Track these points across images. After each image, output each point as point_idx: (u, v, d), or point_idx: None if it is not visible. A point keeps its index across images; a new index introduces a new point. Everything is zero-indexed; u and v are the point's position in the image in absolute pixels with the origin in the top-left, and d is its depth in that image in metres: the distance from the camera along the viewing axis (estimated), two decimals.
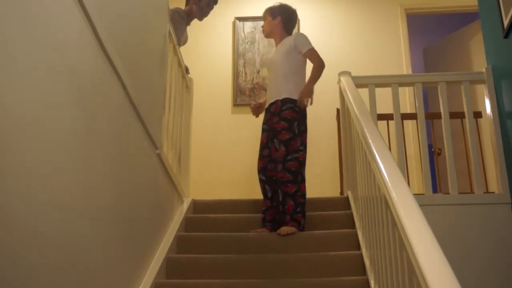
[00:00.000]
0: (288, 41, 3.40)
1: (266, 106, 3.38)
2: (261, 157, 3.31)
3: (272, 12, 3.53)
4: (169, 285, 2.59)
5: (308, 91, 3.20)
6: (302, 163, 3.15)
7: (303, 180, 3.14)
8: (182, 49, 3.89)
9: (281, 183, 3.10)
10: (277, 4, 3.57)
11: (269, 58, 3.52)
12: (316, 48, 3.38)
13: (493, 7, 3.46)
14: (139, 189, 2.46)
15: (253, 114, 3.57)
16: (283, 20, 3.50)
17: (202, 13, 3.83)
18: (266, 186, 3.25)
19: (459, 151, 4.46)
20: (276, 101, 3.26)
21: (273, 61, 3.43)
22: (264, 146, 3.32)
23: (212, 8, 3.87)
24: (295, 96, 3.23)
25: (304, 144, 3.20)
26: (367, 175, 2.43)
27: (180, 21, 3.72)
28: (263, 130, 3.37)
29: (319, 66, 3.29)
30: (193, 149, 4.30)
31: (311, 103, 3.22)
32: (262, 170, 3.28)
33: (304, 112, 3.27)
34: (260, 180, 3.29)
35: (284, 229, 2.97)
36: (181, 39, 3.79)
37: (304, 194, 3.12)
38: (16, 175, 1.30)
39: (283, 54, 3.36)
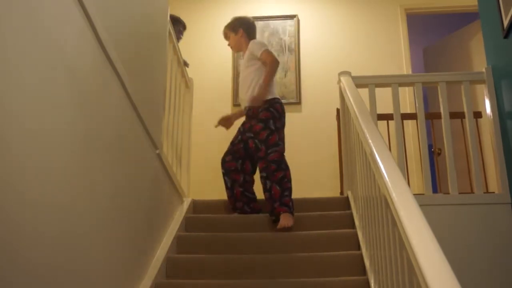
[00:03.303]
0: (247, 51, 3.61)
1: (242, 107, 3.62)
2: (225, 151, 3.57)
3: (232, 28, 3.71)
4: (169, 285, 2.59)
5: (260, 92, 3.36)
6: (282, 155, 3.32)
7: (287, 167, 3.29)
8: (182, 48, 3.89)
9: (269, 174, 3.23)
10: (233, 19, 3.75)
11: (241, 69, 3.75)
12: (316, 48, 3.40)
13: (493, 7, 3.46)
14: (139, 189, 2.46)
15: (224, 127, 3.74)
16: (245, 32, 3.69)
17: (177, 40, 4.00)
18: (225, 178, 3.51)
19: (459, 151, 4.46)
20: (251, 106, 3.45)
21: (241, 71, 3.68)
22: (231, 142, 3.59)
23: (182, 34, 4.15)
24: (268, 97, 3.42)
25: (281, 139, 3.38)
26: (367, 175, 2.43)
27: None
28: (238, 130, 3.62)
29: (271, 64, 3.45)
30: (193, 149, 4.30)
31: (259, 104, 3.38)
32: (222, 162, 3.55)
33: (280, 111, 3.43)
34: (222, 173, 3.54)
35: (282, 223, 3.07)
36: None
37: (290, 180, 3.27)
38: (16, 175, 1.30)
39: (246, 63, 3.59)
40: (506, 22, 3.20)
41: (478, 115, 3.73)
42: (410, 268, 1.52)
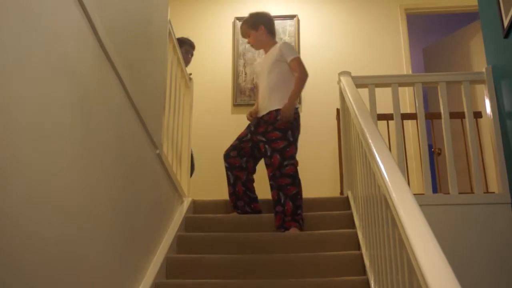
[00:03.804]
0: (274, 50, 3.46)
1: (260, 115, 3.42)
2: (230, 145, 3.47)
3: (252, 25, 3.55)
4: (169, 285, 2.59)
5: (290, 107, 3.25)
6: (296, 168, 3.25)
7: (300, 182, 3.24)
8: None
9: (282, 187, 3.17)
10: (252, 15, 3.60)
11: (260, 66, 3.59)
12: (316, 48, 3.39)
13: (493, 7, 3.46)
14: (139, 189, 2.46)
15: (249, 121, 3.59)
16: (266, 28, 3.55)
17: (186, 60, 4.12)
18: (229, 173, 3.43)
19: (459, 151, 4.46)
20: (271, 111, 3.32)
21: (262, 70, 3.51)
22: (238, 137, 3.48)
23: (192, 53, 4.20)
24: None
25: (297, 150, 3.32)
26: (367, 175, 2.43)
27: None
28: (248, 127, 3.49)
29: (301, 76, 3.34)
30: (193, 149, 4.29)
31: (289, 116, 3.26)
32: (226, 157, 3.45)
33: (298, 121, 3.35)
34: (225, 167, 3.46)
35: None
36: None
37: (302, 196, 3.22)
38: (16, 175, 1.30)
39: (271, 64, 3.42)
40: (506, 22, 3.20)
41: (478, 115, 3.73)
42: (410, 268, 1.52)
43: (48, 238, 1.47)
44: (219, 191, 4.64)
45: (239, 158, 3.42)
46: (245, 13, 5.30)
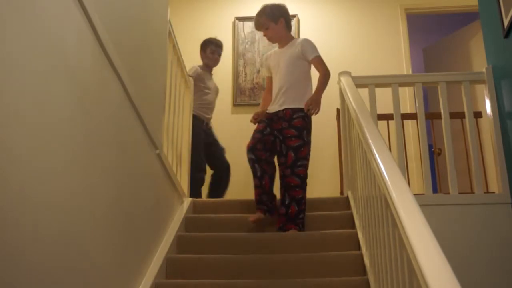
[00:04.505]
0: (294, 46, 3.36)
1: (273, 110, 3.33)
2: (253, 138, 3.31)
3: (273, 17, 3.38)
4: (169, 285, 2.59)
5: (315, 101, 3.20)
6: (306, 171, 3.19)
7: (306, 186, 3.19)
8: (182, 48, 3.90)
9: (290, 187, 3.12)
10: (271, 7, 3.42)
11: (274, 60, 3.46)
12: (317, 49, 3.37)
13: (493, 7, 3.46)
14: (139, 189, 2.46)
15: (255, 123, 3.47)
16: (285, 22, 3.43)
17: (213, 61, 4.31)
18: (256, 165, 3.26)
19: (459, 151, 4.46)
20: (286, 109, 3.25)
21: (278, 65, 3.39)
22: (259, 130, 3.31)
23: (219, 52, 4.32)
24: (303, 105, 3.23)
25: (309, 153, 3.23)
26: (367, 175, 2.43)
27: (201, 77, 4.20)
28: (262, 121, 3.35)
29: (325, 75, 3.29)
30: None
31: (317, 112, 3.22)
32: (252, 149, 3.28)
33: (311, 123, 3.29)
34: (250, 160, 3.29)
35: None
36: (211, 88, 4.31)
37: (306, 201, 3.18)
38: (16, 174, 1.30)
39: (290, 60, 3.32)
40: (506, 22, 3.20)
41: (478, 115, 3.73)
42: (410, 268, 1.52)
43: (47, 238, 1.47)
44: None
45: (264, 152, 3.27)
46: (245, 13, 5.33)
